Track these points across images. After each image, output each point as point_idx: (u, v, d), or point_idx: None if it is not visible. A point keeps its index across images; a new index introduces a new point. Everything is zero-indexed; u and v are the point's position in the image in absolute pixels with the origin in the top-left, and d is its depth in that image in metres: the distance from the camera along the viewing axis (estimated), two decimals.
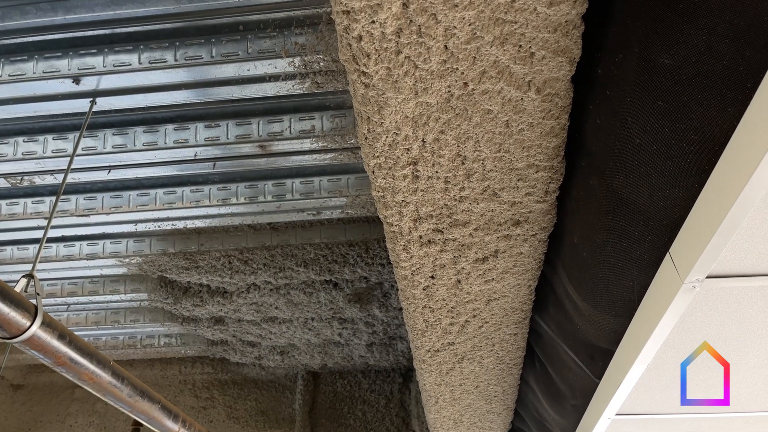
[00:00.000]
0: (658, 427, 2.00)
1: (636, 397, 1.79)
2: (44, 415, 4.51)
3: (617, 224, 1.24)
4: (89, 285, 3.60)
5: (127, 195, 2.93)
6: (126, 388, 2.39)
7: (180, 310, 3.66)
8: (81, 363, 2.12)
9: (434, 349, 2.18)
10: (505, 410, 2.77)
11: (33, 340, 1.90)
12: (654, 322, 1.32)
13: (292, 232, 3.23)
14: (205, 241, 3.23)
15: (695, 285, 1.16)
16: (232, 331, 3.92)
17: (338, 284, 3.46)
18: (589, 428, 2.03)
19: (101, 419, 4.49)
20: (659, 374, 1.65)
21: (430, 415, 2.88)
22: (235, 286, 3.48)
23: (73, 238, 3.23)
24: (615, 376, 1.67)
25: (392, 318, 3.77)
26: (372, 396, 4.55)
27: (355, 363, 4.39)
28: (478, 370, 2.33)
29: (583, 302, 1.55)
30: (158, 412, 2.67)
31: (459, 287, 1.75)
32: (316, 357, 4.28)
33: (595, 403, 1.90)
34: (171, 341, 4.24)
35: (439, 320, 1.96)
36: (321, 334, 3.96)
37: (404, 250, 1.59)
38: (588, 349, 1.79)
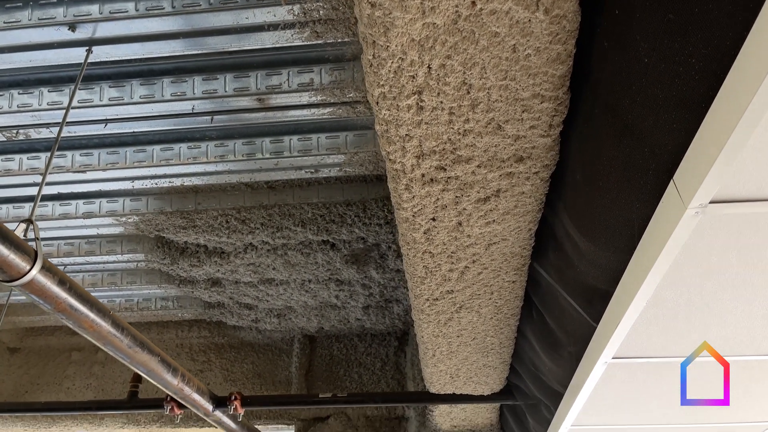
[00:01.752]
0: (655, 371, 2.03)
1: (633, 340, 1.81)
2: (41, 378, 4.53)
3: (621, 153, 1.24)
4: (86, 245, 3.59)
5: (124, 151, 2.92)
6: (126, 338, 2.40)
7: (177, 270, 3.66)
8: (81, 310, 2.12)
9: (433, 298, 2.19)
10: (501, 364, 2.80)
11: (33, 285, 1.90)
12: (655, 255, 1.33)
13: (289, 191, 3.22)
14: (202, 200, 3.22)
15: (698, 211, 1.17)
16: (229, 293, 3.94)
17: (335, 245, 3.47)
18: (585, 374, 2.06)
19: (98, 381, 4.51)
20: (657, 315, 1.67)
21: (427, 369, 2.91)
22: (233, 247, 3.48)
23: (70, 196, 3.21)
24: (613, 317, 1.69)
25: (389, 280, 3.79)
26: (368, 359, 4.59)
27: (351, 326, 4.42)
28: (476, 321, 2.35)
29: (583, 240, 1.57)
30: (158, 364, 2.68)
31: (460, 230, 1.76)
32: (313, 320, 4.30)
33: (592, 348, 1.93)
34: (168, 304, 4.25)
35: (438, 266, 1.97)
36: (318, 297, 3.97)
37: (406, 189, 1.59)
38: (587, 293, 1.81)
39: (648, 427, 2.71)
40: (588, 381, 2.09)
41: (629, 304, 1.56)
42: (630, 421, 2.64)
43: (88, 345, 4.68)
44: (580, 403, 2.32)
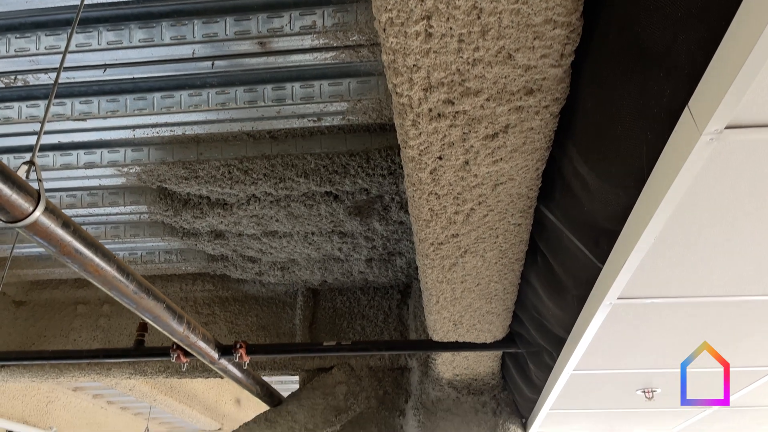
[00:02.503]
0: (659, 312, 2.04)
1: (639, 280, 1.81)
2: (48, 330, 4.58)
3: (636, 79, 1.21)
4: (88, 197, 3.58)
5: (124, 99, 2.88)
6: (131, 284, 2.41)
7: (180, 222, 3.66)
8: (86, 254, 2.12)
9: (438, 242, 2.19)
10: (504, 311, 2.82)
11: (37, 226, 1.89)
12: (665, 187, 1.31)
13: (292, 141, 3.19)
14: (204, 150, 3.19)
15: (713, 137, 1.14)
16: (232, 245, 3.94)
17: (339, 196, 3.46)
18: (589, 317, 2.07)
19: (104, 334, 4.56)
20: (665, 253, 1.67)
21: (431, 316, 2.93)
22: (235, 198, 3.47)
23: (70, 146, 3.18)
24: (619, 256, 1.68)
25: (392, 232, 3.79)
26: (371, 312, 4.63)
27: (354, 279, 4.44)
28: (480, 266, 2.35)
29: (592, 176, 1.55)
30: (163, 311, 2.70)
31: (467, 169, 1.74)
32: (316, 273, 4.32)
33: (597, 289, 1.93)
34: (171, 257, 4.26)
35: (444, 208, 1.96)
36: (321, 249, 3.98)
37: (413, 125, 1.56)
38: (593, 234, 1.80)
39: (650, 371, 2.75)
40: (592, 323, 2.10)
41: (636, 241, 1.55)
42: (632, 365, 2.67)
43: (93, 298, 4.71)
44: (583, 346, 2.34)
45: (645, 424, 4.05)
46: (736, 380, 2.82)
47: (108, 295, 4.69)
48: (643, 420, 3.89)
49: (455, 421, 3.95)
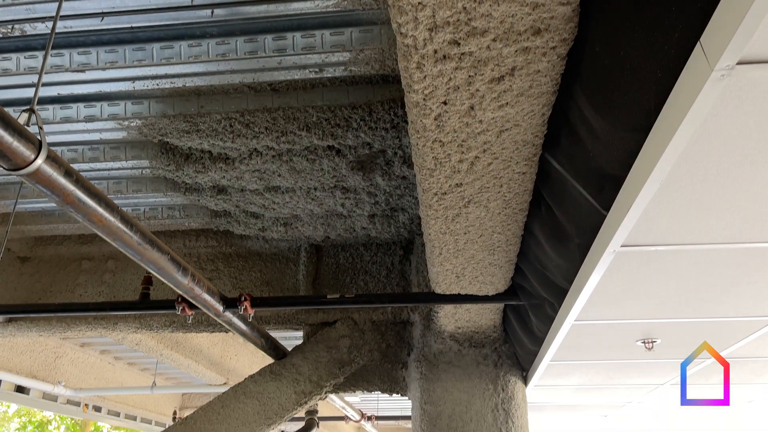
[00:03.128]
0: (662, 260, 2.05)
1: (644, 226, 1.81)
2: (53, 286, 4.62)
3: (647, 14, 1.18)
4: (89, 152, 3.56)
5: (123, 49, 2.83)
6: (135, 235, 2.42)
7: (182, 177, 3.64)
8: (89, 204, 2.12)
9: (441, 192, 2.18)
10: (507, 263, 2.83)
11: (39, 174, 1.89)
12: (673, 128, 1.30)
13: (293, 93, 3.15)
14: (205, 103, 3.16)
15: (724, 74, 1.12)
16: (235, 201, 3.94)
17: (341, 151, 3.43)
18: (592, 265, 2.08)
19: (110, 289, 4.61)
20: (671, 198, 1.66)
21: (433, 268, 2.95)
22: (237, 152, 3.45)
23: (70, 98, 3.15)
24: (625, 201, 1.67)
25: (395, 188, 3.77)
26: (373, 267, 4.66)
27: (357, 235, 4.45)
28: (483, 216, 2.35)
29: (599, 120, 1.53)
30: (168, 263, 2.72)
31: (472, 114, 1.72)
32: (319, 229, 4.33)
33: (601, 237, 1.93)
34: (174, 213, 4.27)
35: (448, 156, 1.95)
36: (324, 205, 3.98)
37: (417, 68, 1.53)
38: (598, 180, 1.79)
39: (651, 322, 2.77)
40: (594, 272, 2.11)
41: (642, 187, 1.54)
42: (633, 315, 2.69)
43: (98, 254, 4.74)
44: (585, 296, 2.35)
45: (644, 376, 4.11)
46: (737, 330, 2.85)
47: (112, 251, 4.73)
48: (642, 371, 3.95)
49: (457, 373, 4.01)
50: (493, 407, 3.89)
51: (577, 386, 4.62)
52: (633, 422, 6.75)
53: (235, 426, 4.21)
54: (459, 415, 3.88)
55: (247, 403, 4.25)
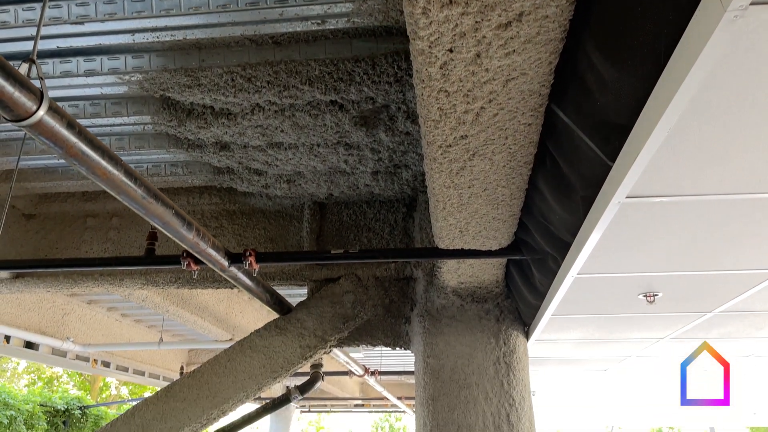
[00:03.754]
0: (667, 211, 2.05)
1: (650, 177, 1.80)
2: (59, 243, 4.65)
3: None
4: (90, 108, 3.54)
5: (122, 1, 2.78)
6: (139, 189, 2.42)
7: (184, 133, 3.63)
8: (93, 157, 2.12)
9: (446, 145, 2.17)
10: (510, 217, 2.83)
11: (42, 126, 1.88)
12: (683, 73, 1.28)
13: (295, 47, 3.10)
14: (206, 57, 3.12)
15: (737, 15, 1.10)
16: (237, 157, 3.92)
17: (344, 106, 3.40)
18: (597, 217, 2.08)
19: (115, 246, 4.64)
20: (677, 147, 1.64)
21: (437, 223, 2.95)
22: (239, 107, 3.42)
23: (69, 52, 3.11)
24: (631, 151, 1.66)
25: (398, 144, 3.75)
26: (377, 225, 4.67)
27: (360, 192, 4.45)
28: (488, 169, 2.34)
29: (607, 66, 1.50)
30: (172, 217, 2.73)
31: (478, 62, 1.69)
32: (322, 186, 4.32)
33: (606, 188, 1.93)
34: (177, 170, 4.26)
35: (453, 107, 1.93)
36: (327, 161, 3.96)
37: (423, 14, 1.50)
38: (605, 130, 1.77)
39: (653, 275, 2.79)
40: (599, 225, 2.11)
41: (649, 135, 1.53)
42: (636, 268, 2.71)
43: (102, 212, 4.76)
44: (588, 249, 2.36)
45: (644, 330, 4.16)
46: (738, 283, 2.87)
47: (117, 208, 4.74)
48: (643, 325, 4.00)
49: (459, 328, 4.07)
50: (494, 360, 3.96)
51: (578, 340, 4.68)
52: (633, 376, 6.88)
53: (241, 379, 4.29)
54: (461, 367, 3.95)
55: (254, 357, 4.32)
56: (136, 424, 4.17)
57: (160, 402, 4.25)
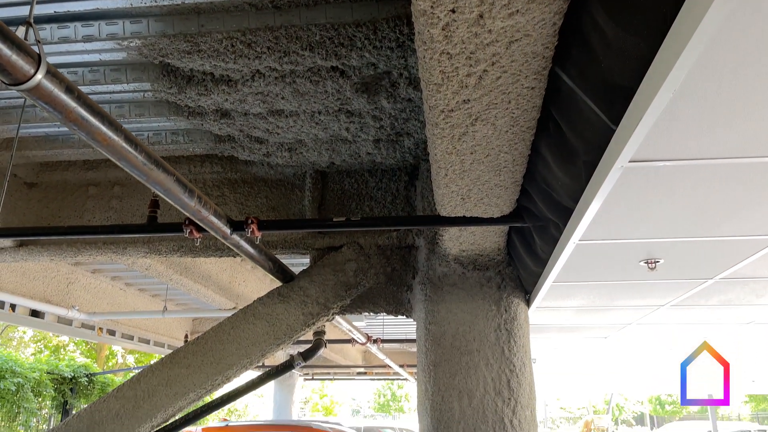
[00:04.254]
0: (670, 176, 2.04)
1: (654, 140, 1.79)
2: (61, 211, 4.66)
3: None
4: (89, 74, 3.50)
5: None
6: (140, 155, 2.41)
7: (185, 100, 3.60)
8: (92, 122, 2.11)
9: (448, 109, 2.15)
10: (513, 184, 2.82)
11: (40, 90, 1.87)
12: (689, 32, 1.26)
13: (295, 11, 3.06)
14: (206, 22, 3.07)
15: None
16: (238, 125, 3.90)
17: (345, 72, 3.36)
18: (599, 182, 2.07)
19: (117, 215, 4.65)
20: (682, 110, 1.63)
21: (439, 190, 2.95)
22: (240, 74, 3.38)
23: (66, 17, 3.07)
24: (635, 113, 1.64)
25: (400, 111, 3.72)
26: (378, 193, 4.67)
27: (362, 161, 4.43)
28: (490, 135, 2.33)
29: (612, 26, 1.48)
30: (174, 184, 2.72)
31: (481, 24, 1.66)
32: (324, 154, 4.31)
33: (609, 152, 1.91)
34: (178, 139, 4.24)
35: (456, 70, 1.90)
36: (328, 129, 3.94)
37: None
38: (609, 93, 1.75)
39: (655, 241, 2.79)
40: (601, 190, 2.10)
41: (654, 96, 1.51)
42: (637, 234, 2.71)
43: (103, 180, 4.75)
44: (590, 215, 2.36)
45: (645, 297, 4.19)
46: (740, 250, 2.87)
47: (118, 177, 4.74)
48: (644, 292, 4.01)
49: (460, 295, 4.09)
50: (495, 327, 3.99)
51: (578, 308, 4.72)
52: (632, 344, 6.94)
53: (245, 346, 4.34)
54: (462, 334, 3.99)
55: (257, 324, 4.36)
56: (142, 389, 4.24)
57: (165, 368, 4.30)
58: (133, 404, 4.20)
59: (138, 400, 4.21)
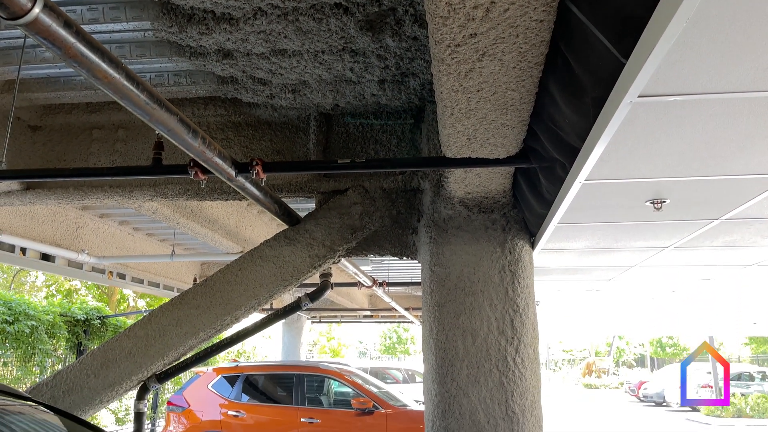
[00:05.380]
0: (680, 111, 2.00)
1: (664, 74, 1.75)
2: (66, 155, 4.66)
3: None
4: (88, 13, 3.43)
5: None
6: (142, 93, 2.38)
7: (186, 40, 3.53)
8: (92, 59, 2.07)
9: (455, 44, 2.10)
10: (519, 123, 2.79)
11: (38, 24, 1.83)
12: None
13: None
14: None
15: None
16: (241, 66, 3.84)
17: (349, 9, 3.28)
18: (607, 118, 2.04)
19: (122, 158, 4.65)
20: (694, 41, 1.58)
21: (444, 130, 2.92)
22: (241, 12, 3.30)
23: None
24: (646, 45, 1.60)
25: (405, 50, 3.65)
26: (384, 136, 4.63)
27: (367, 102, 4.38)
28: (497, 71, 2.28)
29: None
30: (177, 124, 2.70)
31: None
32: (328, 96, 4.25)
33: (619, 87, 1.88)
34: (180, 80, 4.19)
35: (463, 2, 1.85)
36: (332, 70, 3.87)
37: None
38: (620, 24, 1.71)
39: (662, 180, 2.77)
40: (609, 126, 2.07)
41: (666, 26, 1.47)
42: (644, 173, 2.69)
43: (107, 123, 4.73)
44: (598, 152, 2.33)
45: (650, 238, 4.20)
46: (747, 189, 2.85)
47: (122, 120, 4.71)
48: (649, 233, 4.02)
49: (465, 237, 4.11)
50: (500, 269, 4.03)
51: (583, 249, 4.74)
52: (636, 287, 7.01)
53: (252, 287, 4.41)
54: (467, 275, 4.03)
55: (264, 266, 4.42)
56: (153, 329, 4.34)
57: (175, 309, 4.39)
58: (145, 343, 4.32)
59: (150, 339, 4.32)
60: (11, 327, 8.28)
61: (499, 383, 3.83)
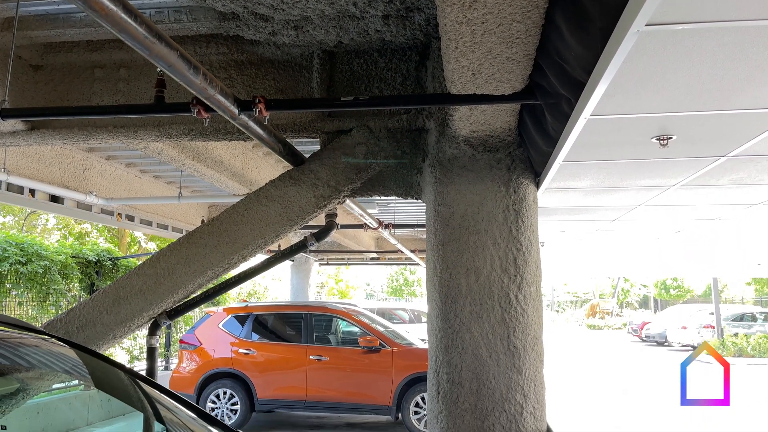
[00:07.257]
0: (688, 41, 1.96)
1: (672, 0, 1.70)
2: (69, 94, 4.63)
3: None
4: None
5: None
6: (141, 27, 2.35)
7: None
8: None
9: None
10: (525, 57, 2.74)
11: None
12: None
13: None
14: None
15: None
16: (242, 1, 3.75)
17: None
18: (614, 48, 2.00)
19: (125, 97, 4.61)
20: None
21: (449, 65, 2.87)
22: None
23: None
24: None
25: None
26: (389, 74, 4.56)
27: (371, 39, 4.29)
28: (502, 1, 2.22)
29: None
30: (178, 60, 2.67)
31: None
32: (331, 32, 4.16)
33: (626, 15, 1.83)
34: (181, 17, 4.11)
35: None
36: (335, 4, 3.78)
37: None
38: None
39: (668, 115, 2.74)
40: (616, 56, 2.03)
41: None
42: (650, 108, 2.65)
43: (109, 62, 4.67)
44: (604, 85, 2.30)
45: (655, 176, 4.18)
46: (754, 124, 2.81)
47: (124, 59, 4.65)
48: (655, 170, 4.00)
49: (470, 177, 4.11)
50: (504, 208, 4.04)
51: (588, 188, 4.73)
52: (640, 227, 7.03)
53: (259, 227, 4.46)
54: (471, 215, 4.05)
55: (270, 206, 4.45)
56: (162, 267, 4.42)
57: (183, 248, 4.46)
58: (154, 281, 4.41)
59: (159, 278, 4.41)
60: (24, 268, 8.44)
61: (502, 319, 3.90)
